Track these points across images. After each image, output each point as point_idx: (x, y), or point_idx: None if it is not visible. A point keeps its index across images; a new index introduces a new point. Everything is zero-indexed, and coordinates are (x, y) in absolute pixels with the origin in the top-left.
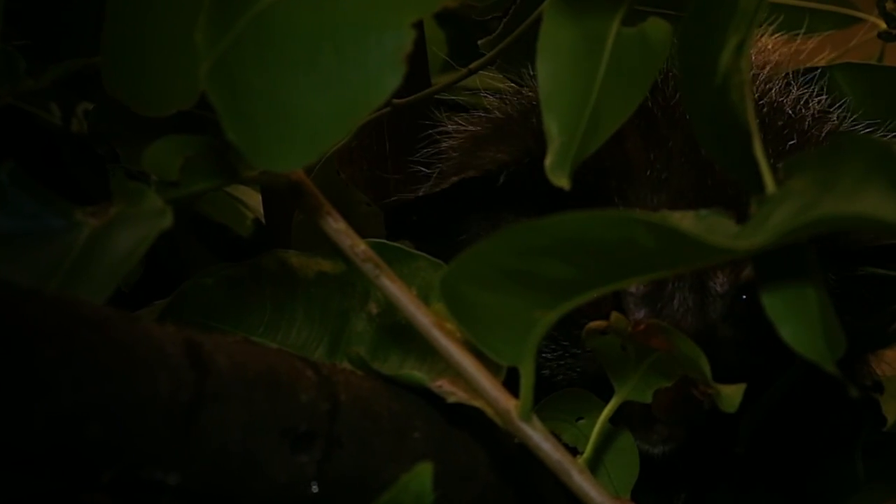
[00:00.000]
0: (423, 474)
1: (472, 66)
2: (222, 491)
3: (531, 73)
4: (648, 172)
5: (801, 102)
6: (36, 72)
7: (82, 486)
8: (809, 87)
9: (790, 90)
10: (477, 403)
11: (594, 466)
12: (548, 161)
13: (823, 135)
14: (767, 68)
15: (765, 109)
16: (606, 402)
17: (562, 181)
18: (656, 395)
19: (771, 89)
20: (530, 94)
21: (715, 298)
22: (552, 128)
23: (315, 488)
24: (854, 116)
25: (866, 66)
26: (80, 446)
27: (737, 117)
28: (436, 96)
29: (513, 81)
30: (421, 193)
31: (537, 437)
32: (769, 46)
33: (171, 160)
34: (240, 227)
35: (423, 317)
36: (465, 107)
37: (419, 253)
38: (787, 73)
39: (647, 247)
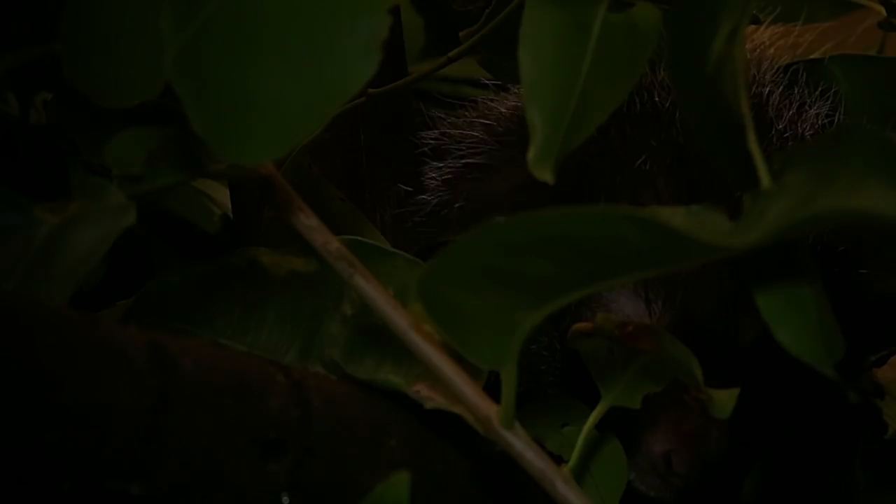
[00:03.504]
0: (399, 484)
1: (451, 53)
2: (188, 501)
3: None
4: None
5: (798, 95)
6: None
7: (40, 498)
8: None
9: (786, 83)
10: (456, 409)
11: (580, 476)
12: (530, 154)
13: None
14: (764, 63)
15: (762, 102)
16: (592, 407)
17: (545, 175)
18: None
19: (767, 82)
20: None
21: None
22: (535, 119)
23: (286, 499)
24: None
25: (862, 58)
26: (37, 455)
27: (730, 108)
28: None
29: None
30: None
31: (520, 444)
32: (765, 40)
33: (134, 153)
34: (207, 223)
35: (399, 318)
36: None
37: (396, 251)
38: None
39: (636, 244)
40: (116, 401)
